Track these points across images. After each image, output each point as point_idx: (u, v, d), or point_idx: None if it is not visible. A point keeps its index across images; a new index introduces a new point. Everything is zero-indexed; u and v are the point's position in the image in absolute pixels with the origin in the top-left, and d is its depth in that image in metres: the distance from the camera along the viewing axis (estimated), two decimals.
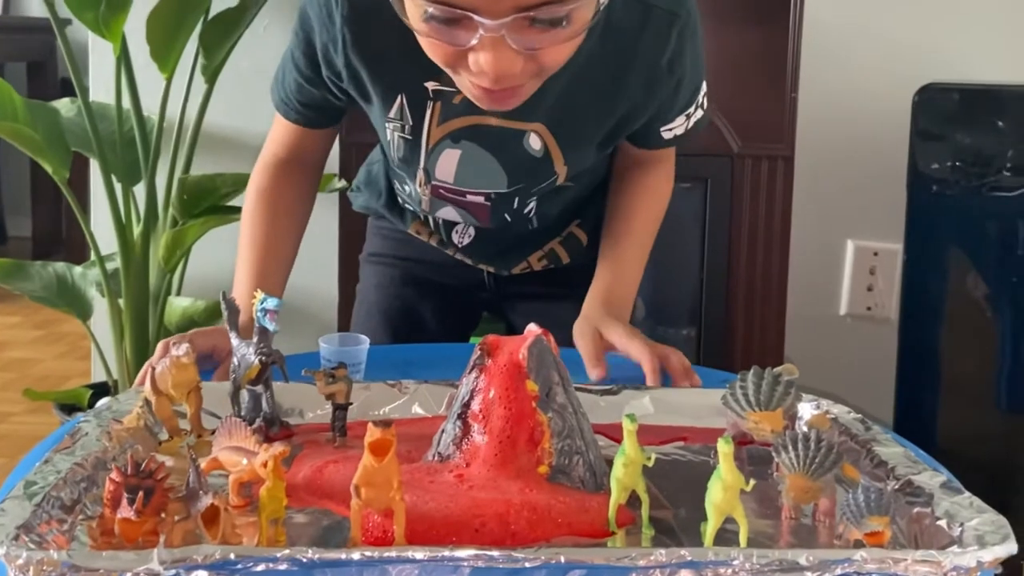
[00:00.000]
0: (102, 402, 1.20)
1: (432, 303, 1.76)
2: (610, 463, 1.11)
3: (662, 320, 2.62)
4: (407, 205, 1.67)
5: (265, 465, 1.00)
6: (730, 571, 0.86)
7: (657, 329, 2.64)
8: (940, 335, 2.66)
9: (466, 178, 1.49)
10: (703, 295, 2.53)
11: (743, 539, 0.94)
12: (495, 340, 1.11)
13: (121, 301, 2.56)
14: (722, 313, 2.55)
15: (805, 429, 1.09)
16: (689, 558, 0.85)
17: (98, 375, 2.85)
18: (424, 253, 1.73)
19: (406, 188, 1.60)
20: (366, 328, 1.71)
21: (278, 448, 1.00)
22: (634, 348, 1.41)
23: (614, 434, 1.24)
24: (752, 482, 0.93)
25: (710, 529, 0.94)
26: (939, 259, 2.60)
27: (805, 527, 1.02)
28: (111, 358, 2.65)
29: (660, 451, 1.20)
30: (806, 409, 1.23)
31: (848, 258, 2.85)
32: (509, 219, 1.57)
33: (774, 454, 1.05)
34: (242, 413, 1.22)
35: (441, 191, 1.52)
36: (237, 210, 2.38)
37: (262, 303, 1.18)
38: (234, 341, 1.23)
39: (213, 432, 1.18)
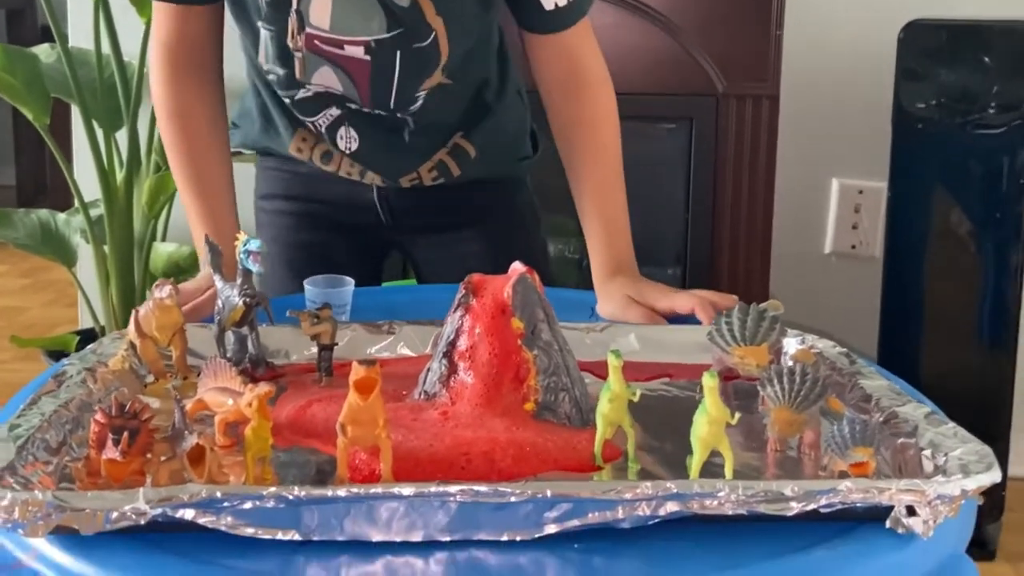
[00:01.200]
0: (88, 347, 1.20)
1: (332, 245, 1.68)
2: (596, 399, 1.12)
3: (647, 260, 2.58)
4: (280, 120, 1.59)
5: (251, 405, 1.00)
6: (715, 503, 0.86)
7: (642, 269, 2.63)
8: (924, 272, 2.66)
9: (342, 19, 1.42)
10: (688, 235, 2.53)
11: (728, 471, 0.95)
12: (480, 279, 1.11)
13: (106, 248, 2.55)
14: (707, 253, 2.55)
15: (790, 364, 1.09)
16: (675, 490, 0.86)
17: (85, 322, 2.84)
18: (313, 188, 1.66)
19: (277, 73, 1.50)
20: (273, 285, 1.66)
21: (263, 388, 1.00)
22: (680, 302, 1.40)
23: (600, 371, 1.24)
24: (737, 415, 0.93)
25: (696, 462, 0.94)
26: (923, 196, 2.59)
27: (790, 459, 1.03)
28: (97, 305, 2.65)
29: (646, 387, 1.20)
30: (791, 344, 1.24)
31: (833, 196, 2.85)
32: (392, 104, 1.51)
33: (759, 388, 1.06)
34: (228, 355, 1.22)
35: (317, 42, 1.44)
36: None
37: (245, 245, 1.17)
38: (218, 283, 1.22)
39: (199, 374, 1.18)
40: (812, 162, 2.80)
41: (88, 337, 2.65)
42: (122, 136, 2.54)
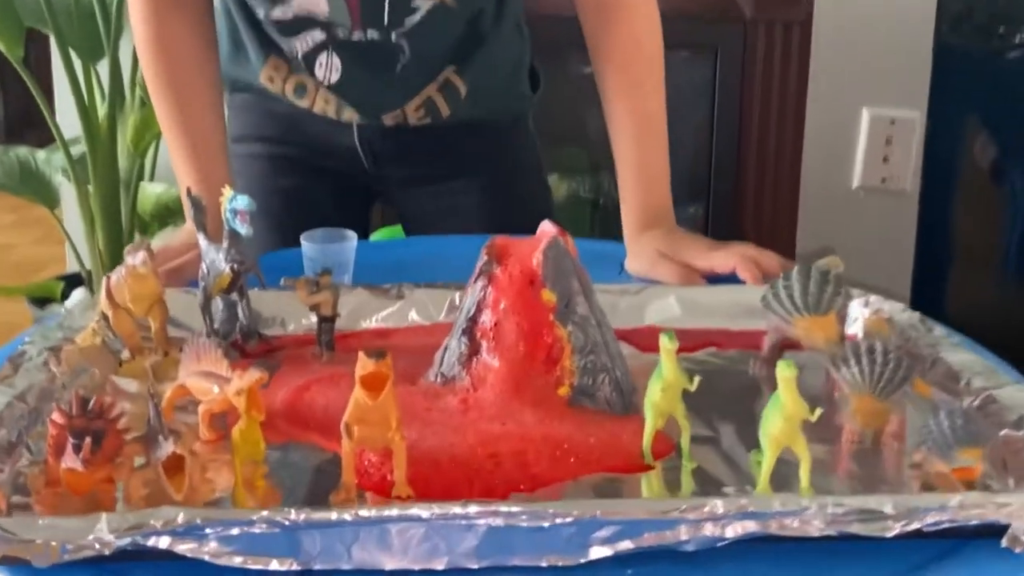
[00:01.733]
0: (51, 316, 1.05)
1: (313, 191, 1.52)
2: (638, 378, 0.97)
3: None
4: (251, 44, 1.44)
5: (240, 394, 0.85)
6: (799, 522, 0.72)
7: None
8: (961, 206, 2.52)
9: None
10: (711, 170, 2.38)
11: (804, 476, 0.80)
12: (504, 243, 0.95)
13: (90, 188, 2.38)
14: (731, 188, 2.40)
15: (865, 339, 0.94)
16: (751, 509, 0.71)
17: (73, 265, 2.69)
18: (289, 128, 1.50)
19: None
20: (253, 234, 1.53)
21: (254, 375, 0.85)
22: (719, 259, 1.24)
23: (637, 341, 1.09)
24: (819, 411, 0.78)
25: (766, 466, 0.80)
26: (962, 126, 2.43)
27: (868, 453, 0.88)
28: (83, 248, 2.49)
29: (691, 359, 1.05)
30: (856, 308, 1.09)
31: (863, 127, 2.67)
32: (385, 18, 1.35)
33: (831, 369, 0.91)
34: (215, 325, 1.07)
35: None
36: None
37: (231, 202, 1.02)
38: (202, 244, 1.07)
39: (181, 349, 1.03)
40: (841, 91, 2.62)
41: (73, 282, 2.50)
42: (104, 68, 2.36)
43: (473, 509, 0.70)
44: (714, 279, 1.24)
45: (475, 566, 0.71)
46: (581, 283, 0.94)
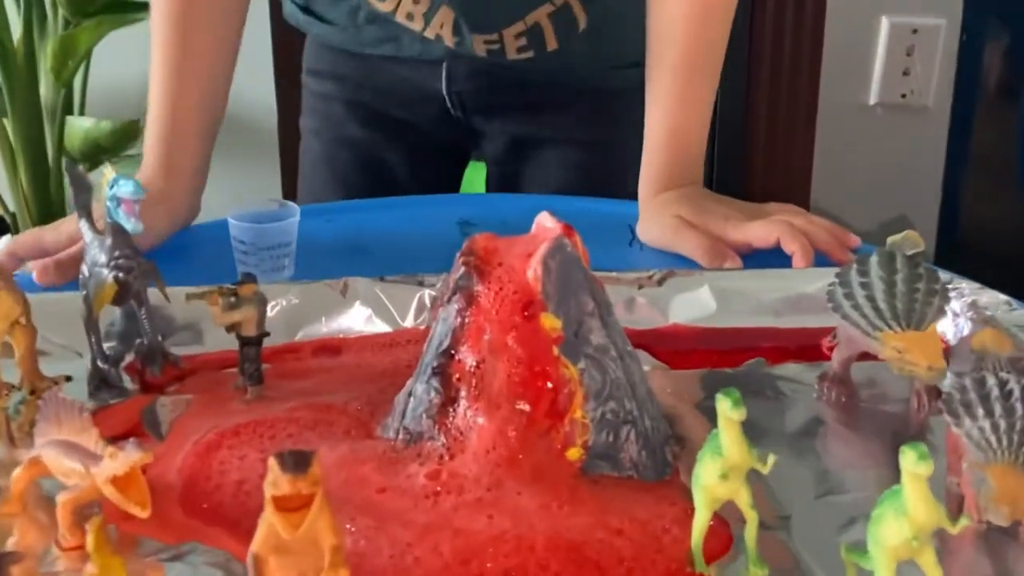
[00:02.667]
0: None
1: (387, 150, 1.28)
2: (672, 421, 0.72)
3: None
4: None
5: (112, 481, 0.59)
6: None
7: None
8: (995, 124, 2.25)
9: None
10: (719, 85, 2.10)
11: None
12: (488, 245, 0.69)
13: (7, 122, 2.09)
14: (740, 110, 2.13)
15: (993, 373, 0.68)
16: None
17: None
18: (368, 70, 1.25)
19: None
20: (313, 187, 1.27)
21: (131, 457, 0.59)
22: (756, 231, 0.98)
23: (660, 347, 0.84)
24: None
25: None
26: (999, 36, 2.16)
27: (1001, 540, 0.63)
28: (4, 190, 2.20)
29: (731, 377, 0.80)
30: (957, 307, 0.83)
31: (882, 38, 2.39)
32: None
33: (949, 419, 0.65)
34: (106, 344, 0.81)
35: None
36: (144, 7, 1.91)
37: (113, 187, 0.75)
38: (86, 235, 0.80)
39: (56, 383, 0.78)
40: None
41: None
42: None
43: None
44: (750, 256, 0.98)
45: None
46: (596, 300, 0.68)
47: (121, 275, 0.75)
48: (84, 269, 0.78)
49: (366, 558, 0.58)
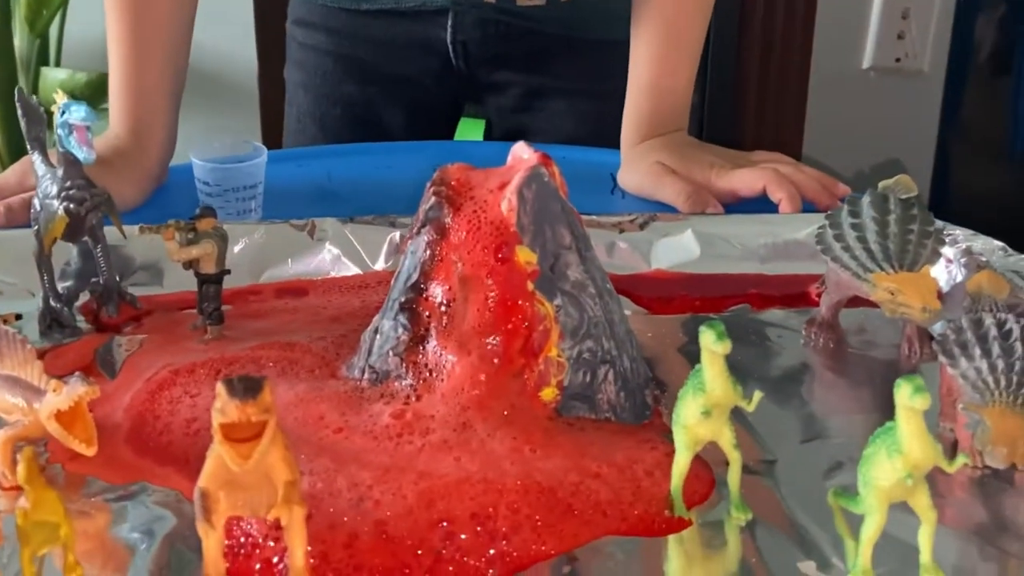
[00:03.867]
0: None
1: (382, 107, 1.21)
2: (652, 365, 0.68)
3: None
4: None
5: (57, 416, 0.56)
6: None
7: None
8: (991, 89, 2.22)
9: None
10: (708, 49, 2.06)
11: (926, 545, 0.51)
12: (460, 174, 0.65)
13: None
14: (731, 73, 2.08)
15: (989, 312, 0.64)
16: None
17: None
18: (365, 25, 1.19)
19: None
20: (300, 143, 1.21)
21: (77, 390, 0.56)
22: (742, 179, 0.94)
23: (641, 293, 0.81)
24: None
25: (870, 532, 0.51)
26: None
27: (995, 485, 0.60)
28: None
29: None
30: (951, 253, 0.80)
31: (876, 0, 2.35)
32: None
33: (944, 359, 0.62)
34: (61, 284, 0.77)
35: None
36: None
37: (64, 113, 0.71)
38: (38, 168, 0.76)
39: (5, 320, 0.74)
40: None
41: None
42: None
43: None
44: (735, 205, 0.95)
45: None
46: (573, 233, 0.64)
47: (72, 206, 0.71)
48: (36, 203, 0.74)
49: (323, 501, 0.54)
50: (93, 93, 2.03)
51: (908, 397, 0.48)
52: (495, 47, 1.18)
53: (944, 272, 0.79)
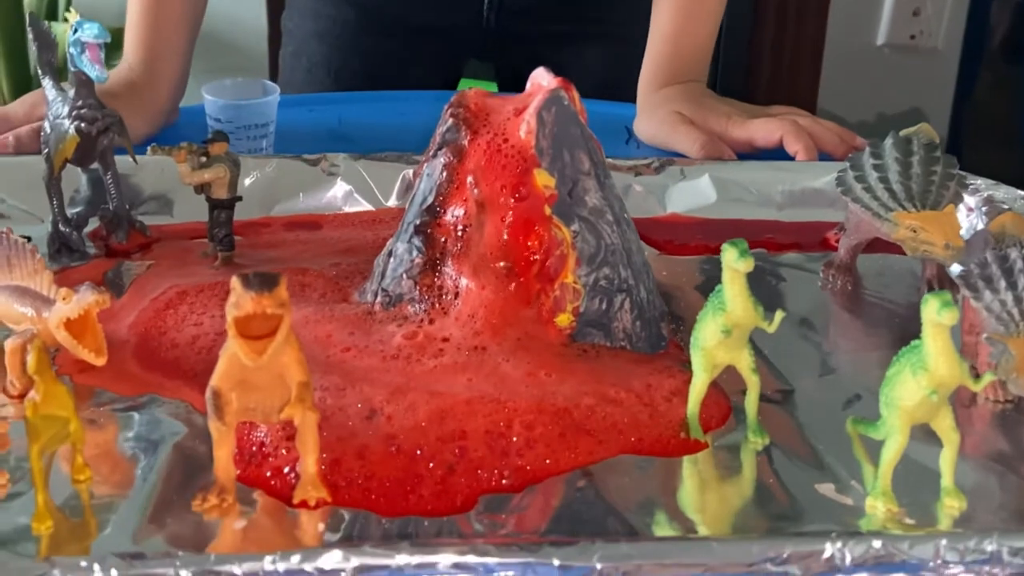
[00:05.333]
0: None
1: (405, 59, 1.18)
2: (668, 301, 0.67)
3: None
4: None
5: (66, 325, 0.55)
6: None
7: None
8: (1006, 69, 2.20)
9: None
10: (723, 26, 2.04)
11: (947, 471, 0.51)
12: (478, 98, 0.64)
13: None
14: (745, 48, 2.07)
15: (1013, 248, 0.63)
16: (907, 555, 0.42)
17: None
18: None
19: None
20: (306, 91, 1.20)
21: (87, 298, 0.55)
22: (759, 129, 0.93)
23: (656, 236, 0.80)
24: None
25: (891, 454, 0.50)
26: None
27: (1020, 421, 0.59)
28: None
29: None
30: (970, 201, 0.79)
31: None
32: None
33: (968, 293, 0.61)
34: (71, 210, 0.76)
35: None
36: None
37: (76, 31, 0.70)
38: (49, 92, 0.75)
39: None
40: None
41: None
42: None
43: (436, 557, 0.40)
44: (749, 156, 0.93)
45: None
46: (593, 160, 0.63)
47: (84, 125, 0.70)
48: (46, 126, 0.74)
49: (334, 415, 0.53)
50: (106, 48, 2.02)
51: (936, 312, 0.47)
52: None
53: (965, 220, 0.78)
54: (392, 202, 0.82)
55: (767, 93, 2.12)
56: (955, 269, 0.70)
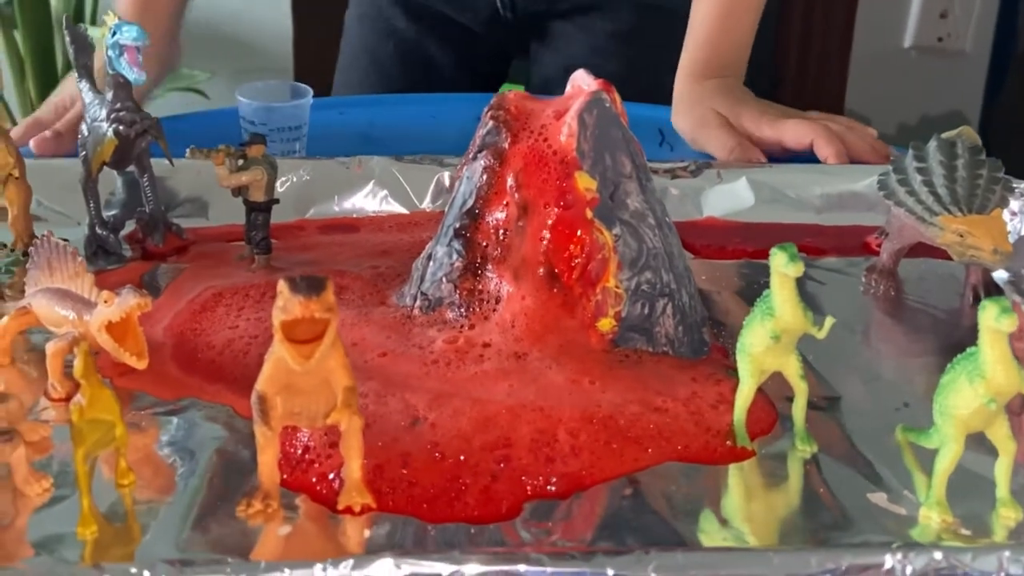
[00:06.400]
0: None
1: (433, 46, 1.19)
2: (709, 307, 0.67)
3: None
4: None
5: (107, 328, 0.54)
6: None
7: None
8: None
9: None
10: None
11: (1003, 481, 0.50)
12: (518, 101, 0.63)
13: (17, 34, 2.03)
14: (772, 48, 2.05)
15: None
16: (969, 567, 0.41)
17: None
18: None
19: None
20: (350, 79, 1.20)
21: (129, 301, 0.54)
22: (791, 131, 0.92)
23: (693, 239, 0.79)
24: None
25: (944, 465, 0.49)
26: None
27: None
28: (13, 102, 2.15)
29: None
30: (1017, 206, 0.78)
31: None
32: None
33: (1018, 298, 0.60)
34: (107, 213, 0.76)
35: None
36: None
37: (114, 33, 0.69)
38: (86, 96, 0.75)
39: (28, 252, 0.72)
40: None
41: None
42: None
43: (464, 567, 0.40)
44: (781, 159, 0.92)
45: None
46: (635, 162, 0.63)
47: (122, 128, 0.69)
48: (83, 128, 0.73)
49: (375, 422, 0.53)
50: None
51: (994, 318, 0.46)
52: (542, 2, 1.16)
53: (1009, 224, 0.77)
54: (426, 205, 0.81)
55: (794, 95, 2.11)
56: (1001, 274, 0.70)
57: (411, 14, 1.18)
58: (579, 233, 0.60)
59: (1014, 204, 0.78)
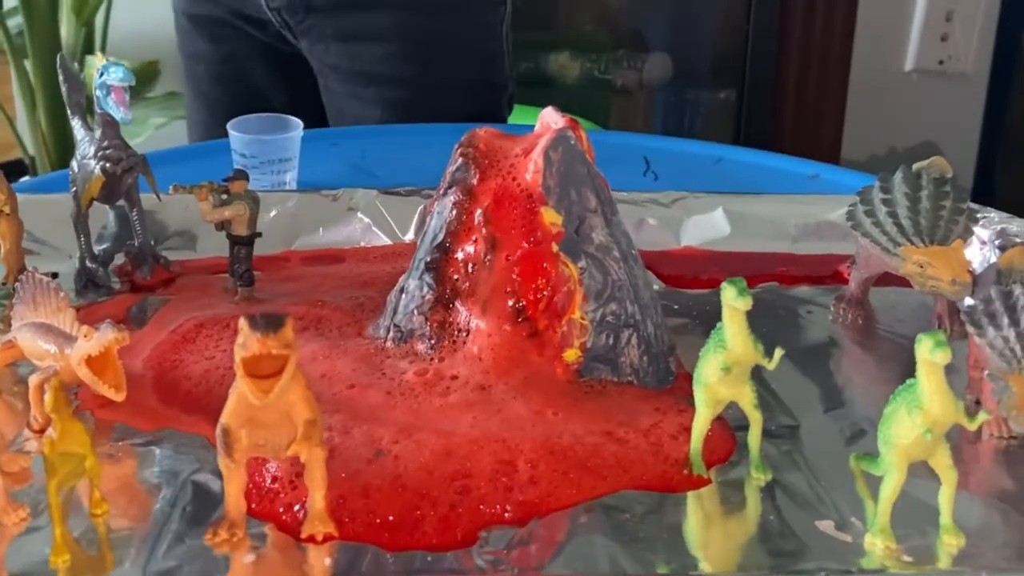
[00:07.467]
0: None
1: (242, 61, 1.19)
2: (681, 332, 0.68)
3: (695, 81, 2.15)
4: None
5: (87, 362, 0.57)
6: None
7: (688, 92, 2.16)
8: None
9: None
10: (748, 49, 2.05)
11: (946, 507, 0.51)
12: (487, 138, 0.65)
13: (28, 63, 2.07)
14: (770, 70, 2.08)
15: (1017, 285, 0.64)
16: None
17: (15, 151, 2.38)
18: None
19: None
20: (188, 109, 1.25)
21: (108, 336, 0.56)
22: None
23: (667, 269, 0.81)
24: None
25: (889, 491, 0.51)
26: None
27: (1020, 454, 0.60)
28: (24, 131, 2.19)
29: None
30: (983, 234, 0.79)
31: (920, 1, 2.34)
32: None
33: (971, 332, 0.61)
34: (98, 247, 0.78)
35: None
36: None
37: (102, 74, 0.72)
38: (78, 133, 0.78)
39: (15, 288, 0.74)
40: None
41: (15, 170, 2.19)
42: None
43: None
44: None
45: None
46: (599, 197, 0.64)
47: (108, 165, 0.72)
48: (74, 165, 0.76)
49: (342, 448, 0.55)
50: (138, 82, 2.06)
51: (929, 351, 0.48)
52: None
53: (978, 253, 0.79)
54: (410, 236, 0.83)
55: (794, 119, 2.13)
56: (967, 303, 0.71)
57: (208, 32, 1.19)
58: (545, 266, 0.62)
59: (982, 233, 0.79)
